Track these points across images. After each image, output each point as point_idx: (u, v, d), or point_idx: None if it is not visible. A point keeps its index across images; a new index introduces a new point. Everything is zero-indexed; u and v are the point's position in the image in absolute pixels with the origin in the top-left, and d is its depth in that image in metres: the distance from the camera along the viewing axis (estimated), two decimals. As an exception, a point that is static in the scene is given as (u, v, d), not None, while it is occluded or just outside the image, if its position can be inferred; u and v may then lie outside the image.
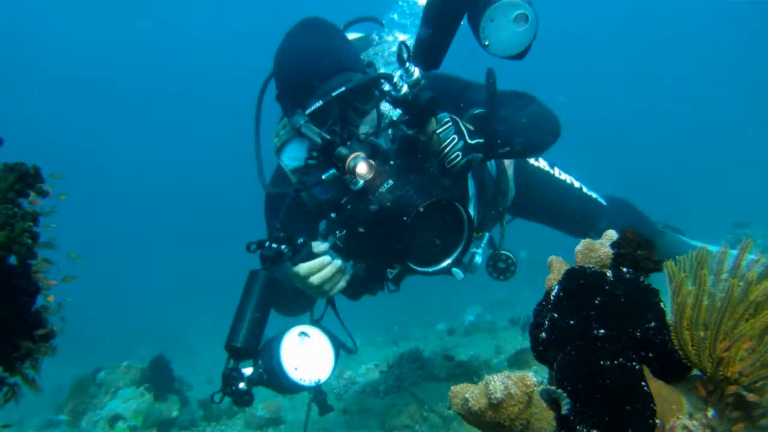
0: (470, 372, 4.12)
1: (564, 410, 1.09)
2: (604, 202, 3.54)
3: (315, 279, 2.33)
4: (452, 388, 1.10)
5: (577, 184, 3.51)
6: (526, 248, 3.08)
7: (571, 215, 3.47)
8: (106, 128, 29.01)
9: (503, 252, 3.11)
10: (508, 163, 3.23)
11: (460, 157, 2.31)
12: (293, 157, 2.79)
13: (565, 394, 1.12)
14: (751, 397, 1.18)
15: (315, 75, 2.55)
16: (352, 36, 3.04)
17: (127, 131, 29.49)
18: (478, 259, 2.94)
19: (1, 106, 23.96)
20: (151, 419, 4.57)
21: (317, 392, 2.40)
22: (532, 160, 3.43)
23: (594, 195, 3.53)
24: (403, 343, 7.57)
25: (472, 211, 2.86)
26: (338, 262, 2.41)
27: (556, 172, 3.49)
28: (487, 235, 3.04)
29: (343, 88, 2.49)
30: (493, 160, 3.16)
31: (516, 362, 4.16)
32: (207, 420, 4.89)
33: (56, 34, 25.63)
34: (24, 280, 1.41)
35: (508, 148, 2.49)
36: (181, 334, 11.37)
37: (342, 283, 2.47)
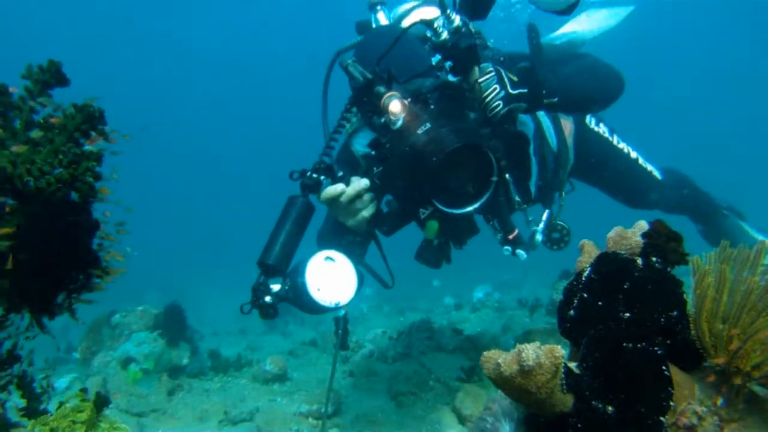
0: (479, 347, 4.19)
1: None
2: (659, 176, 3.55)
3: (344, 197, 2.42)
4: (484, 353, 1.17)
5: (633, 155, 3.52)
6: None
7: (622, 184, 3.53)
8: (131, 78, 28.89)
9: (559, 222, 3.11)
10: (569, 133, 3.26)
11: (501, 106, 2.38)
12: (365, 143, 2.87)
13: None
14: (760, 390, 1.25)
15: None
16: (427, 11, 3.07)
17: (149, 83, 29.43)
18: (539, 237, 2.95)
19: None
20: (162, 364, 4.66)
21: (343, 329, 2.50)
22: (592, 125, 3.45)
23: (650, 167, 3.54)
24: (410, 313, 7.64)
25: (532, 187, 2.92)
26: (366, 182, 2.48)
27: (614, 140, 3.49)
28: (548, 212, 3.06)
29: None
30: (555, 135, 3.20)
31: (524, 342, 4.22)
32: (215, 370, 4.99)
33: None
34: (84, 217, 1.49)
35: (554, 99, 2.53)
36: (187, 286, 11.47)
37: (370, 209, 2.55)
